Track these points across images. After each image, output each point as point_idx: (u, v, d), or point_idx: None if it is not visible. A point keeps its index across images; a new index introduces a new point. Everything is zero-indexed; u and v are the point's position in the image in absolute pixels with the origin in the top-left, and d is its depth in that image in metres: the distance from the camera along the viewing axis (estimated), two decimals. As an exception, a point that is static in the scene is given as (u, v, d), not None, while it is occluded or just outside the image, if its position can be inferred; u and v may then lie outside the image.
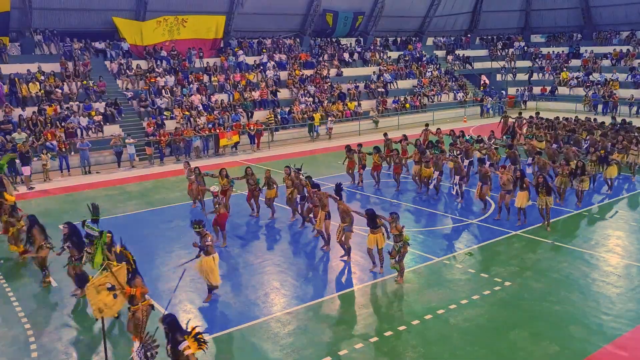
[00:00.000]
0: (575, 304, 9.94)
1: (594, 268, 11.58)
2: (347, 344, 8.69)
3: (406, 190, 17.97)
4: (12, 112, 23.33)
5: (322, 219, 12.54)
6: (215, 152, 25.84)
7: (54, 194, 19.18)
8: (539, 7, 44.27)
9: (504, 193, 14.24)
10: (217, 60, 32.13)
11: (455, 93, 38.52)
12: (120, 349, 8.74)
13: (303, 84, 33.06)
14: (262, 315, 9.74)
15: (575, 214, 15.15)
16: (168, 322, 6.78)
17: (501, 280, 10.89)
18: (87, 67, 27.57)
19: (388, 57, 39.67)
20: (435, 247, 13.01)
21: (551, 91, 39.69)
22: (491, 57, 44.31)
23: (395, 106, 34.61)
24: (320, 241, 13.11)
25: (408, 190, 17.97)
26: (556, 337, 8.80)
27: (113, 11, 29.67)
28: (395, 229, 10.64)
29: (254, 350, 8.62)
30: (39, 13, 27.84)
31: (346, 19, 38.31)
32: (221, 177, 15.07)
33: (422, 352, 8.48)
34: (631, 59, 38.42)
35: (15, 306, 10.33)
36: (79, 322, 9.57)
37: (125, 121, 26.08)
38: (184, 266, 9.61)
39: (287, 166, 15.30)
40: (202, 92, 29.10)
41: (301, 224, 14.45)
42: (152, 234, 14.45)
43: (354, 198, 17.25)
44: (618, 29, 41.43)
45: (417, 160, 17.41)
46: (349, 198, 16.85)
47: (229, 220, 14.03)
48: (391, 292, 10.60)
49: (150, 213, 16.21)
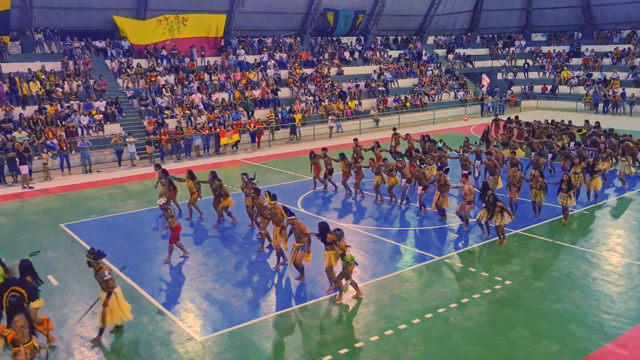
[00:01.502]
0: (575, 302, 9.94)
1: (595, 267, 11.58)
2: (348, 343, 8.70)
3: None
4: (12, 111, 23.35)
5: (277, 235, 11.51)
6: (216, 151, 25.84)
7: (53, 192, 19.19)
8: (539, 5, 44.23)
9: (464, 203, 13.53)
10: (218, 59, 32.14)
11: (456, 92, 38.51)
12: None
13: (304, 82, 33.07)
14: (262, 314, 9.74)
15: (575, 213, 15.12)
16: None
17: (502, 279, 10.89)
18: (88, 66, 27.59)
19: (389, 56, 39.67)
20: (436, 246, 13.01)
21: (552, 90, 39.67)
22: (492, 56, 44.29)
23: (395, 105, 34.61)
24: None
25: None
26: (557, 335, 8.80)
27: (114, 10, 29.69)
28: (339, 248, 9.91)
29: (255, 350, 8.63)
30: (40, 12, 27.84)
31: (347, 17, 38.31)
32: (187, 179, 14.96)
33: (422, 351, 8.48)
34: (632, 57, 38.39)
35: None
36: (81, 322, 9.56)
37: (126, 120, 26.09)
38: (92, 307, 9.15)
39: (244, 174, 14.66)
40: (202, 91, 29.10)
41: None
42: (153, 233, 14.46)
43: (329, 208, 17.00)
44: (619, 27, 41.39)
45: (377, 170, 16.39)
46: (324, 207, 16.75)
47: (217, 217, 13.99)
48: (392, 291, 10.59)
49: (150, 212, 16.20)
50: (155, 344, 8.86)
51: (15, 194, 18.89)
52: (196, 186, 15.07)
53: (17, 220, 15.92)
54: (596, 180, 15.82)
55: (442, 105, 36.38)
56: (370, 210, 15.96)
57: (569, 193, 13.95)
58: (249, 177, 14.36)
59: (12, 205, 17.53)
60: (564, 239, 13.19)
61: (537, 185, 14.21)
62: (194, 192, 15.10)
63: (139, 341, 8.96)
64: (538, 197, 14.35)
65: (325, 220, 15.14)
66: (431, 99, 36.63)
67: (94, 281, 11.23)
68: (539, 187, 14.21)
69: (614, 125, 24.65)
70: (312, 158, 18.01)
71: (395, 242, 13.28)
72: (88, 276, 11.60)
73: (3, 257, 12.66)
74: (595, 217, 14.93)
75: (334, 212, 16.03)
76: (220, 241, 13.65)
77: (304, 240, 10.63)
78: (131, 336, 9.10)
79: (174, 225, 12.05)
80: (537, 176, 14.23)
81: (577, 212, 15.22)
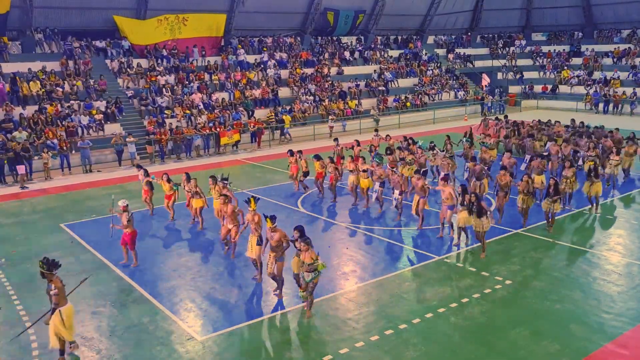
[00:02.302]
0: (576, 302, 9.94)
1: (595, 266, 11.57)
2: (348, 343, 8.69)
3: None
4: (13, 110, 23.34)
5: (254, 245, 10.74)
6: (216, 151, 25.84)
7: (53, 192, 19.18)
8: (540, 5, 44.22)
9: (445, 208, 12.93)
10: (218, 59, 32.14)
11: (456, 91, 38.50)
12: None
13: (304, 82, 33.06)
14: (262, 314, 9.74)
15: (575, 213, 15.12)
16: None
17: (502, 279, 10.89)
18: (88, 65, 27.58)
19: (389, 56, 39.66)
20: (436, 245, 13.00)
21: (552, 90, 39.66)
22: (492, 55, 44.28)
23: (396, 105, 34.59)
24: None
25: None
26: (557, 335, 8.79)
27: (114, 10, 29.67)
28: (309, 257, 9.25)
29: (255, 349, 8.63)
30: (40, 12, 27.83)
31: (347, 17, 38.30)
32: (163, 182, 14.89)
33: (423, 351, 8.47)
34: (632, 57, 38.37)
35: (16, 305, 10.34)
36: (81, 321, 9.57)
37: (126, 120, 26.09)
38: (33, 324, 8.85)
39: (211, 176, 14.04)
40: (202, 90, 29.09)
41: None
42: (153, 232, 14.46)
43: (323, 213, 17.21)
44: (619, 27, 41.37)
45: (353, 170, 15.88)
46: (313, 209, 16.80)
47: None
48: (392, 291, 10.59)
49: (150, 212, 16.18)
50: (155, 343, 8.86)
51: (15, 194, 18.89)
52: (174, 188, 14.95)
53: (17, 220, 15.91)
54: (596, 185, 14.66)
55: (442, 105, 36.37)
56: (370, 210, 15.94)
57: (554, 198, 13.15)
58: (222, 178, 13.92)
59: (12, 205, 17.53)
60: (564, 239, 13.19)
61: (526, 190, 13.47)
62: (170, 195, 15.03)
63: (139, 341, 8.95)
64: (525, 203, 13.64)
65: (326, 220, 15.19)
66: (431, 99, 36.62)
67: (94, 281, 11.28)
68: (526, 192, 13.50)
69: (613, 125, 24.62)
70: (291, 156, 17.79)
71: (395, 242, 13.27)
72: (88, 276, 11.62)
73: (3, 257, 12.73)
74: (596, 217, 14.92)
75: (334, 212, 16.01)
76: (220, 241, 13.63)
77: (281, 250, 9.91)
78: (131, 336, 9.10)
79: (129, 231, 11.68)
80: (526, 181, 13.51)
81: (577, 211, 15.22)
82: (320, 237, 13.52)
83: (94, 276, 11.21)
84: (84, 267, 12.07)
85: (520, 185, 13.59)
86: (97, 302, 10.35)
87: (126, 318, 9.71)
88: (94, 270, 11.73)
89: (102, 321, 9.60)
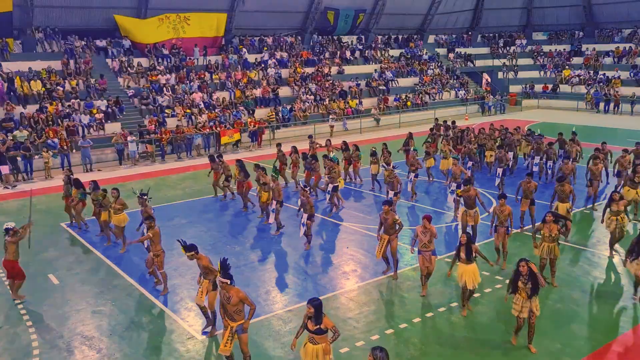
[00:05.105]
0: (576, 302, 9.93)
1: (596, 266, 11.57)
2: (349, 342, 8.69)
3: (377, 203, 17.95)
4: (13, 109, 23.37)
5: (205, 288, 8.86)
6: (217, 150, 25.83)
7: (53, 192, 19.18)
8: (540, 4, 44.24)
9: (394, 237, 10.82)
10: (219, 58, 32.14)
11: (457, 91, 38.50)
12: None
13: (304, 81, 33.06)
14: (263, 313, 9.73)
15: (575, 213, 15.11)
16: None
17: (502, 278, 10.88)
18: (89, 64, 27.59)
19: (389, 55, 39.65)
20: (436, 245, 12.96)
21: (553, 89, 39.65)
22: (492, 55, 44.27)
23: (396, 104, 34.60)
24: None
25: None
26: (558, 335, 8.79)
27: (114, 9, 29.71)
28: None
29: (256, 348, 8.62)
30: (41, 11, 27.86)
31: (347, 16, 38.30)
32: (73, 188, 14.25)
33: (423, 350, 8.47)
34: (633, 56, 38.35)
35: (17, 304, 10.34)
36: (82, 320, 9.58)
37: (127, 119, 26.10)
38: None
39: (138, 193, 12.65)
40: (203, 89, 29.10)
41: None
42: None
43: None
44: (620, 26, 41.38)
45: (264, 183, 14.48)
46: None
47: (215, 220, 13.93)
48: (392, 291, 10.59)
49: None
50: (155, 342, 8.86)
51: (15, 193, 18.90)
52: (79, 196, 14.14)
53: (17, 219, 15.87)
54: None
55: (443, 104, 36.38)
56: (370, 210, 15.94)
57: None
58: (141, 193, 12.46)
59: (12, 205, 17.53)
60: (565, 238, 13.15)
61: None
62: (77, 203, 14.21)
63: (140, 340, 8.96)
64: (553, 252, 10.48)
65: (325, 219, 15.18)
66: (432, 98, 36.63)
67: (95, 280, 11.30)
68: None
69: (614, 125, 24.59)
70: (212, 162, 17.20)
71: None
72: (89, 275, 11.64)
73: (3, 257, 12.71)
74: (596, 217, 14.91)
75: (336, 213, 15.99)
76: (221, 241, 13.64)
77: (212, 277, 8.74)
78: (132, 335, 9.10)
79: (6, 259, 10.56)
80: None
81: (577, 211, 15.20)
82: (320, 237, 13.55)
83: (94, 276, 11.20)
84: (85, 266, 12.08)
85: (542, 228, 10.30)
86: (98, 301, 10.35)
87: (127, 317, 9.71)
88: (94, 270, 11.72)
89: (102, 320, 9.60)
